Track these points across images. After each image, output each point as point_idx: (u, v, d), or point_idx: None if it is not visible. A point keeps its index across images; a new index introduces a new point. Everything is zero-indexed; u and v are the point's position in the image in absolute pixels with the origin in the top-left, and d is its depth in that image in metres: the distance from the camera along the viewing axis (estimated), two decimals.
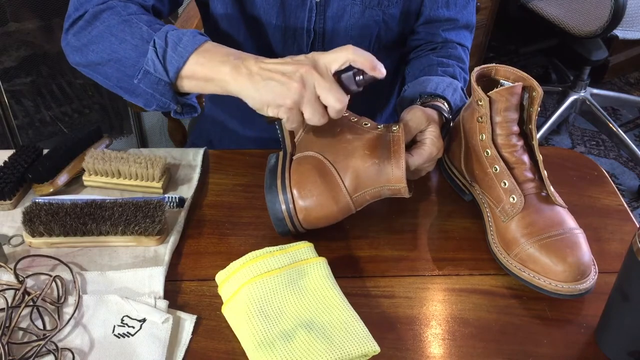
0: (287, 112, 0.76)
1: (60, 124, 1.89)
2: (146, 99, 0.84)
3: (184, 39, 0.80)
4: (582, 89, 2.42)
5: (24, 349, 0.69)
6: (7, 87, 1.73)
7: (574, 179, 0.98)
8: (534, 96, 0.82)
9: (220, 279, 0.76)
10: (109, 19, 0.84)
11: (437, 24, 1.06)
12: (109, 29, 0.84)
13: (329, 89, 0.74)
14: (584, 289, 0.76)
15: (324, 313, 0.72)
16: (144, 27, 0.82)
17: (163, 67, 0.80)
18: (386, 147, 0.80)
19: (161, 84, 0.82)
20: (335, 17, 0.99)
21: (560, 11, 2.12)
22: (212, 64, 0.79)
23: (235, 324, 0.73)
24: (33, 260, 0.80)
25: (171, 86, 0.82)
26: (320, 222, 0.82)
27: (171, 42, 0.80)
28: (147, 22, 0.83)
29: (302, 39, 1.01)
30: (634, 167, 2.39)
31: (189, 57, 0.79)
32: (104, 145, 0.97)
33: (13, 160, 0.91)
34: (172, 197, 0.89)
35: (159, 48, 0.80)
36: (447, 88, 0.96)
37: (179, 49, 0.80)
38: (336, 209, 0.81)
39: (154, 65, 0.81)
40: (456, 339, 0.74)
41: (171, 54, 0.80)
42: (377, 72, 0.76)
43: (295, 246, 0.78)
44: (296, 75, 0.74)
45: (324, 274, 0.76)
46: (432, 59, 1.04)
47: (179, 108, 0.86)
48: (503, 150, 0.83)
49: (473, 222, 0.89)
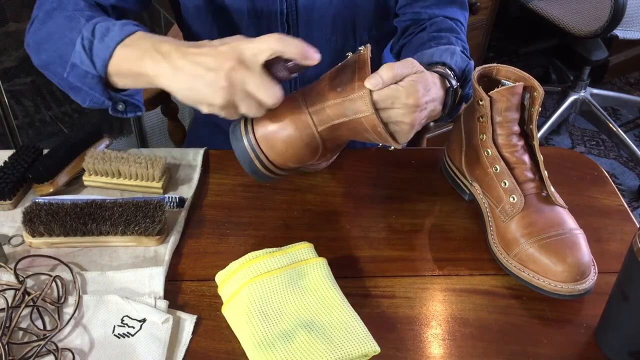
0: (221, 110, 0.72)
1: (60, 124, 1.89)
2: (79, 94, 0.81)
3: (112, 30, 0.76)
4: (582, 89, 2.42)
5: (24, 349, 0.69)
6: (7, 87, 1.73)
7: (574, 179, 0.98)
8: (534, 96, 0.82)
9: (220, 279, 0.76)
10: (57, 16, 0.82)
11: (419, 2, 1.01)
12: (54, 25, 0.82)
13: (258, 85, 0.70)
14: (583, 290, 0.76)
15: (324, 313, 0.72)
16: (82, 20, 0.79)
17: (90, 59, 0.77)
18: (351, 69, 0.74)
19: (88, 77, 0.78)
20: (308, 5, 0.97)
21: (560, 11, 2.12)
22: (135, 58, 0.74)
23: (235, 324, 0.73)
24: (33, 260, 0.80)
25: (100, 79, 0.78)
26: (288, 153, 0.77)
27: (99, 33, 0.76)
28: (88, 16, 0.80)
29: (277, 27, 0.99)
30: (634, 167, 2.39)
31: (115, 48, 0.75)
32: (104, 145, 0.97)
33: (13, 160, 0.91)
34: (172, 197, 0.89)
35: (86, 40, 0.77)
36: (443, 53, 0.88)
37: (105, 40, 0.76)
38: (297, 133, 0.75)
39: (80, 58, 0.77)
40: (456, 339, 0.74)
41: (98, 45, 0.76)
42: (309, 61, 0.71)
43: (295, 247, 0.78)
44: (222, 74, 0.69)
45: (324, 274, 0.76)
46: (422, 37, 0.98)
47: (121, 106, 0.82)
48: (504, 150, 0.83)
49: (473, 222, 0.89)
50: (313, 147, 0.78)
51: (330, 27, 1.01)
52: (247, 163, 0.78)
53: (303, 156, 0.79)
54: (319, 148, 0.78)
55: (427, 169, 0.99)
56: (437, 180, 0.97)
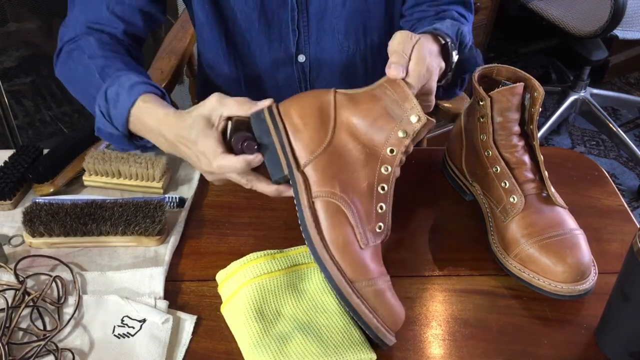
0: (217, 182, 0.82)
1: (60, 124, 1.89)
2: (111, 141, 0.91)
3: (121, 96, 0.83)
4: (582, 89, 2.42)
5: (24, 349, 0.69)
6: (7, 87, 1.73)
7: (574, 179, 0.98)
8: (535, 96, 0.82)
9: (221, 278, 0.76)
10: (76, 58, 0.91)
11: (427, 3, 1.02)
12: (75, 72, 0.91)
13: (223, 169, 0.76)
14: (583, 290, 0.76)
15: (321, 317, 0.72)
16: (96, 76, 0.87)
17: (110, 123, 0.85)
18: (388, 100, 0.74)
19: (114, 136, 0.87)
20: (319, 12, 0.99)
21: (560, 11, 2.12)
22: (143, 128, 0.83)
23: (233, 323, 0.73)
24: (33, 261, 0.80)
25: (125, 136, 0.86)
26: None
27: (111, 100, 0.84)
28: (100, 68, 0.88)
29: (288, 39, 1.01)
30: (634, 167, 2.39)
31: (128, 113, 0.83)
32: (104, 145, 0.97)
33: (13, 160, 0.91)
34: (172, 197, 0.89)
35: (103, 107, 0.85)
36: (438, 24, 0.88)
37: (118, 107, 0.83)
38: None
39: (103, 123, 0.86)
40: (456, 339, 0.74)
41: (113, 111, 0.84)
42: (257, 108, 0.76)
43: (296, 249, 0.78)
44: (201, 167, 0.79)
45: (324, 278, 0.76)
46: (423, 23, 0.99)
47: (150, 147, 0.89)
48: (504, 151, 0.83)
49: (473, 222, 0.89)
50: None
51: (342, 33, 1.02)
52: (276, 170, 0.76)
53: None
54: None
55: (427, 169, 0.99)
56: (437, 180, 0.97)
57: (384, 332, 0.68)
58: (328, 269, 0.69)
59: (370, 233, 0.71)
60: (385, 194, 0.72)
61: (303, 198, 0.71)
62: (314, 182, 0.72)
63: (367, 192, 0.71)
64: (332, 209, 0.71)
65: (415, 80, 0.75)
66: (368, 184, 0.72)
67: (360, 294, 0.69)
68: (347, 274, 0.69)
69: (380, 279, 0.71)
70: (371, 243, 0.71)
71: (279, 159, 0.74)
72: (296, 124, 0.74)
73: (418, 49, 0.76)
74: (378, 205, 0.72)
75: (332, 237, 0.70)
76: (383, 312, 0.69)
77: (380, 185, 0.72)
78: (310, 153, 0.73)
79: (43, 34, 1.78)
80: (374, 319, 0.68)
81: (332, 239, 0.70)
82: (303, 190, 0.72)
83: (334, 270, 0.69)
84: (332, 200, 0.71)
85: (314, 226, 0.70)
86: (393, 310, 0.70)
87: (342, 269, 0.69)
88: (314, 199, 0.72)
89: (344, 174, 0.72)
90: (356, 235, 0.70)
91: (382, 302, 0.69)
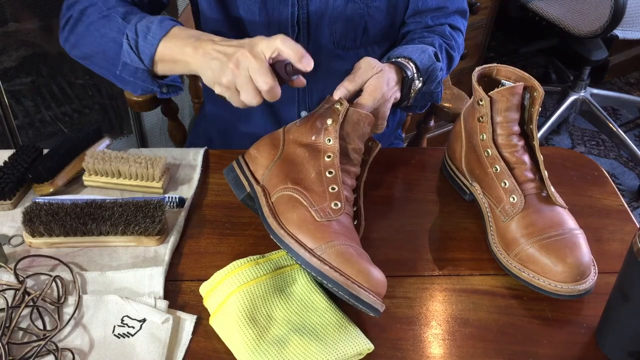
0: (226, 91, 0.80)
1: (60, 124, 1.89)
2: (132, 86, 0.91)
3: (152, 28, 0.85)
4: (582, 89, 2.42)
5: (24, 349, 0.69)
6: (7, 87, 1.73)
7: (574, 179, 0.98)
8: (535, 96, 0.82)
9: (205, 290, 0.76)
10: (91, 15, 0.91)
11: (427, 13, 1.06)
12: (92, 24, 0.91)
13: (257, 70, 0.77)
14: (583, 290, 0.76)
15: (313, 316, 0.72)
16: (120, 19, 0.88)
17: (138, 56, 0.86)
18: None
19: (139, 72, 0.88)
20: (319, 11, 1.00)
21: (560, 11, 2.12)
22: (177, 47, 0.84)
23: (225, 334, 0.72)
24: (33, 261, 0.80)
25: (149, 72, 0.88)
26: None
27: (141, 32, 0.86)
28: (123, 14, 0.89)
29: (287, 34, 1.01)
30: (634, 167, 2.39)
31: (158, 44, 0.85)
32: (104, 145, 0.97)
33: (13, 160, 0.91)
34: (172, 197, 0.89)
35: (131, 40, 0.86)
36: (414, 50, 0.95)
37: (148, 38, 0.85)
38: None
39: (130, 56, 0.87)
40: (456, 339, 0.74)
41: (142, 43, 0.85)
42: (302, 65, 0.78)
43: (278, 253, 0.79)
44: (234, 57, 0.78)
45: (309, 278, 0.76)
46: (413, 35, 1.05)
47: (165, 89, 0.92)
48: (504, 150, 0.83)
49: (473, 222, 0.89)
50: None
51: (341, 34, 1.02)
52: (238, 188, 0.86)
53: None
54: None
55: (427, 169, 0.99)
56: (437, 180, 0.97)
57: (358, 289, 0.71)
58: (287, 242, 0.75)
59: (329, 209, 0.78)
60: (333, 177, 0.80)
61: (263, 202, 0.81)
62: (270, 187, 0.82)
63: (317, 179, 0.80)
64: (286, 198, 0.79)
65: (370, 102, 0.85)
66: (316, 172, 0.80)
67: (322, 257, 0.73)
68: (308, 245, 0.74)
69: (340, 240, 0.74)
70: (333, 217, 0.77)
71: (242, 181, 0.85)
72: (253, 155, 0.86)
73: (378, 77, 0.86)
74: (330, 187, 0.79)
75: (288, 217, 0.77)
76: (351, 271, 0.72)
77: (328, 170, 0.80)
78: (264, 168, 0.84)
79: (43, 34, 1.78)
80: (342, 277, 0.71)
81: (287, 218, 0.77)
82: (262, 196, 0.81)
83: (292, 243, 0.75)
84: (285, 193, 0.80)
85: (272, 217, 0.78)
86: (364, 269, 0.72)
87: (300, 240, 0.75)
88: (272, 200, 0.81)
89: (294, 172, 0.81)
90: (311, 213, 0.77)
91: (347, 261, 0.73)
